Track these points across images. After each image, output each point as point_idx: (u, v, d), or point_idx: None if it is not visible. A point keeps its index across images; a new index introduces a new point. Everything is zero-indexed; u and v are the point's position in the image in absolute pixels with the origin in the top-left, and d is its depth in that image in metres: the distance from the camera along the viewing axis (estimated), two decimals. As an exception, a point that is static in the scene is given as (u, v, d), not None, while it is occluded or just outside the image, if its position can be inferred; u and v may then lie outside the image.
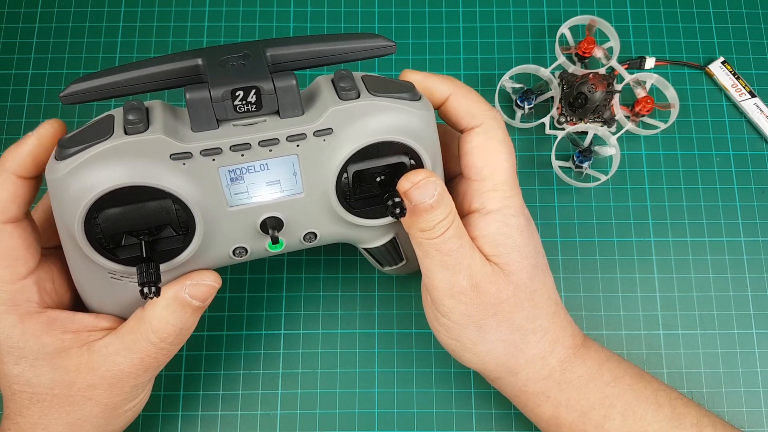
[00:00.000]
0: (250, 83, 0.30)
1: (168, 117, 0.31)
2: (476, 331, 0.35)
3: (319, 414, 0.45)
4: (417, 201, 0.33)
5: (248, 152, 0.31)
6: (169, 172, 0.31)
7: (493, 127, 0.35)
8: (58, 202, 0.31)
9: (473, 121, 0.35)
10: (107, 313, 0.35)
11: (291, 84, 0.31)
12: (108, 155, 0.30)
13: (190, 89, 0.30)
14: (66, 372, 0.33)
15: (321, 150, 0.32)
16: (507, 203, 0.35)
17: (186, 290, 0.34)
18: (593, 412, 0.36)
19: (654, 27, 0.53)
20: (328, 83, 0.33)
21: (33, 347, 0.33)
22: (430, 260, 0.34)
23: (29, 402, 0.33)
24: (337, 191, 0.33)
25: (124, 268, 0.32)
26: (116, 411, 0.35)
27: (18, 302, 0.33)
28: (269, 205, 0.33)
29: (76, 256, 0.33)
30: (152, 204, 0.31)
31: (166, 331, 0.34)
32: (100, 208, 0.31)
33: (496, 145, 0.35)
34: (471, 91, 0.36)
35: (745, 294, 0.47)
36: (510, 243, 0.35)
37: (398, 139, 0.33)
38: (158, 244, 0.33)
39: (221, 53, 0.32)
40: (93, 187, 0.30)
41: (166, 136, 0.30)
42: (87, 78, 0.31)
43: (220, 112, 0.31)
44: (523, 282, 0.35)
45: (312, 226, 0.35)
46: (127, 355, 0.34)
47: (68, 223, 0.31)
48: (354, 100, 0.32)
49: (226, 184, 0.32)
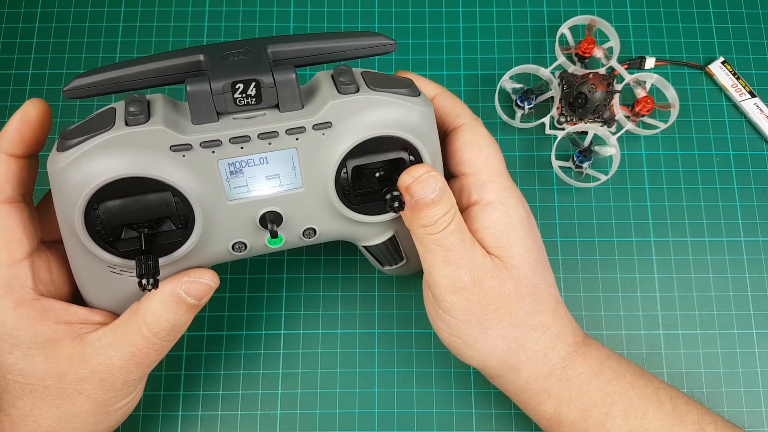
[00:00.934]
0: (249, 76, 0.30)
1: (169, 109, 0.32)
2: (478, 327, 0.35)
3: (319, 414, 0.45)
4: (419, 196, 0.33)
5: (248, 145, 0.32)
6: (169, 164, 0.31)
7: (477, 125, 0.37)
8: (59, 193, 0.31)
9: (458, 120, 0.37)
10: (105, 308, 0.36)
11: (290, 77, 0.31)
12: (109, 146, 0.30)
13: (191, 81, 0.30)
14: (58, 362, 0.33)
15: (320, 143, 0.32)
16: (506, 193, 0.35)
17: (182, 287, 0.34)
18: (595, 410, 0.36)
19: (654, 27, 0.53)
20: (328, 78, 0.33)
21: (26, 335, 0.33)
22: (432, 256, 0.34)
23: (22, 392, 0.34)
24: (336, 186, 0.34)
25: (124, 261, 0.33)
26: (106, 408, 0.35)
27: (13, 287, 0.33)
28: (268, 200, 0.33)
29: (76, 248, 0.33)
30: (152, 196, 0.31)
31: (158, 326, 0.34)
32: (100, 200, 0.31)
33: (484, 140, 0.36)
34: (452, 94, 0.38)
35: (745, 294, 0.47)
36: (512, 234, 0.35)
37: (397, 134, 0.33)
38: (158, 237, 0.33)
39: (223, 49, 0.32)
40: (93, 178, 0.30)
41: (166, 128, 0.30)
42: (91, 73, 0.31)
43: (220, 105, 0.31)
44: (525, 276, 0.35)
45: (311, 221, 0.35)
46: (118, 348, 0.34)
47: (68, 214, 0.31)
48: (353, 94, 0.32)
49: (226, 177, 0.32)
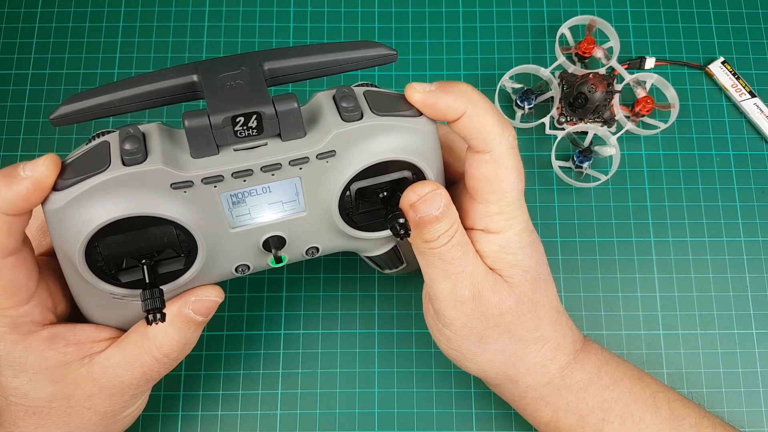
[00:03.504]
0: (250, 109, 0.29)
1: (166, 143, 0.30)
2: (477, 342, 0.35)
3: (319, 414, 0.45)
4: (423, 213, 0.32)
5: (250, 178, 0.30)
6: (170, 201, 0.30)
7: (504, 154, 0.32)
8: (56, 231, 0.30)
9: (483, 146, 0.32)
10: (109, 326, 0.35)
11: (293, 107, 0.29)
12: (107, 187, 0.29)
13: (189, 116, 0.29)
14: (65, 385, 0.33)
15: (324, 171, 0.32)
16: (512, 223, 0.34)
17: (189, 306, 0.34)
18: (592, 416, 0.36)
19: (654, 27, 0.53)
20: (330, 102, 0.32)
21: (34, 362, 0.32)
22: (433, 269, 0.34)
23: (25, 414, 0.33)
24: (340, 208, 0.33)
25: (127, 291, 0.32)
26: (114, 418, 0.35)
27: (20, 324, 0.32)
28: (272, 225, 0.33)
29: (77, 279, 0.32)
30: (153, 230, 0.31)
31: (170, 347, 0.34)
32: (101, 236, 0.30)
33: (505, 174, 0.33)
34: (487, 109, 0.32)
35: (745, 294, 0.47)
36: (511, 259, 0.34)
37: (402, 158, 0.32)
38: (160, 265, 0.32)
39: (217, 69, 0.30)
40: (93, 220, 0.29)
41: (166, 167, 0.29)
42: (78, 98, 0.30)
43: (220, 138, 0.30)
44: (526, 295, 0.35)
45: (314, 241, 0.35)
46: (128, 368, 0.33)
47: (68, 252, 0.30)
48: (357, 122, 0.31)
49: (228, 208, 0.31)
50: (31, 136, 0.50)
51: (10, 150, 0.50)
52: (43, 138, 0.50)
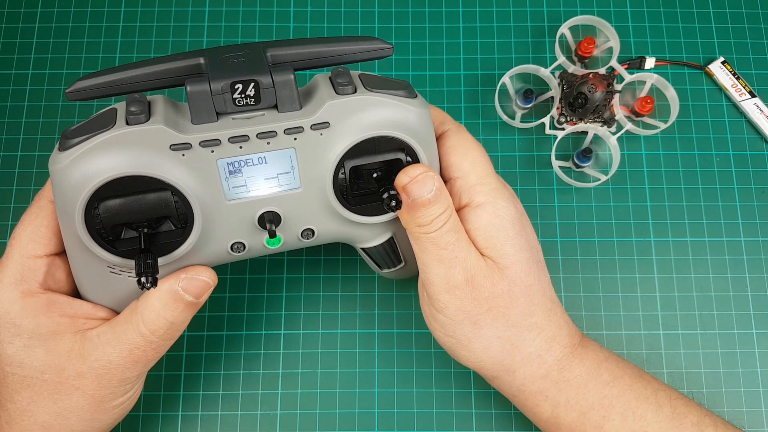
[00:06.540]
0: (248, 76, 0.31)
1: (169, 110, 0.32)
2: (471, 327, 0.35)
3: (319, 414, 0.45)
4: (415, 196, 0.33)
5: (246, 144, 0.32)
6: (168, 163, 0.31)
7: (461, 130, 0.37)
8: (60, 192, 0.31)
9: (442, 127, 0.37)
10: (104, 306, 0.36)
11: (289, 78, 0.32)
12: (109, 145, 0.30)
13: (191, 82, 0.31)
14: (57, 356, 0.34)
15: (318, 143, 0.33)
16: (496, 195, 0.36)
17: (180, 284, 0.34)
18: (592, 413, 0.36)
19: (654, 27, 0.53)
20: (326, 80, 0.34)
21: (29, 326, 0.33)
22: (427, 255, 0.35)
23: (20, 386, 0.34)
24: (334, 186, 0.34)
25: (123, 260, 0.33)
26: (103, 405, 0.35)
27: (25, 278, 0.34)
28: (267, 200, 0.34)
29: (76, 247, 0.33)
30: (152, 196, 0.32)
31: (156, 323, 0.34)
32: (101, 199, 0.31)
33: (470, 143, 0.36)
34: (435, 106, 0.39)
35: (745, 294, 0.47)
36: (502, 234, 0.35)
37: (394, 134, 0.33)
38: (157, 237, 0.33)
39: (223, 53, 0.32)
40: (93, 177, 0.30)
41: (166, 127, 0.31)
42: (93, 75, 0.32)
43: (219, 105, 0.31)
44: (518, 276, 0.35)
45: (309, 222, 0.35)
46: (116, 346, 0.34)
47: (69, 213, 0.31)
48: (350, 95, 0.33)
49: (225, 177, 0.33)
50: (31, 136, 0.50)
51: (10, 150, 0.50)
52: (43, 138, 0.50)
